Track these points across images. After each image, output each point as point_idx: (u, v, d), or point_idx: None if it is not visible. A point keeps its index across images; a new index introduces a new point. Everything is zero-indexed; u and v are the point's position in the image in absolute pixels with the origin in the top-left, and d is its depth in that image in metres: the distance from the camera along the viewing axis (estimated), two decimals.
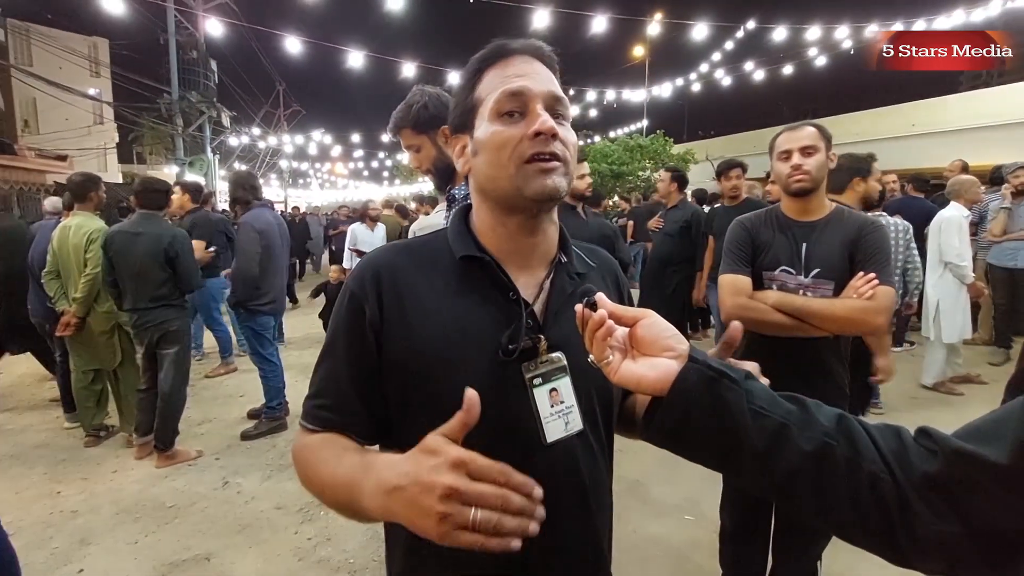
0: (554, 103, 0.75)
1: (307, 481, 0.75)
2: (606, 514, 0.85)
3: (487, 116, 0.75)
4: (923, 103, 15.21)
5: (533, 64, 0.78)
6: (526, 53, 0.78)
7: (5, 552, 1.90)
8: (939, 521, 0.51)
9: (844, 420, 0.58)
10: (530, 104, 0.74)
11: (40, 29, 19.92)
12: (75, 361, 3.66)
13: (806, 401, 0.60)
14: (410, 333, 0.74)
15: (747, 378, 0.60)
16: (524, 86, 0.74)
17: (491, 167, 0.75)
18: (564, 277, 0.81)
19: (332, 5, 11.35)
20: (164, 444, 3.44)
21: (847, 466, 0.55)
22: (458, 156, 0.81)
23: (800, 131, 1.70)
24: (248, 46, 19.08)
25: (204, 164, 16.05)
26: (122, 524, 2.80)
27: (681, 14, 18.88)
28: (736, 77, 15.40)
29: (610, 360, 0.63)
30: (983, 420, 0.55)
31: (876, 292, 1.54)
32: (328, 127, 43.52)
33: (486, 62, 0.78)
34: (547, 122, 0.72)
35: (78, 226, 3.52)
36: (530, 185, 0.72)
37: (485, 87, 0.77)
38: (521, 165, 0.72)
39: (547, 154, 0.72)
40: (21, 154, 15.87)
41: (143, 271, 3.30)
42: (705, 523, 2.64)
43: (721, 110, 39.02)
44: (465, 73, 0.81)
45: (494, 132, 0.74)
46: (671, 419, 0.60)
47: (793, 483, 0.56)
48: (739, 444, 0.57)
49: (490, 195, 0.78)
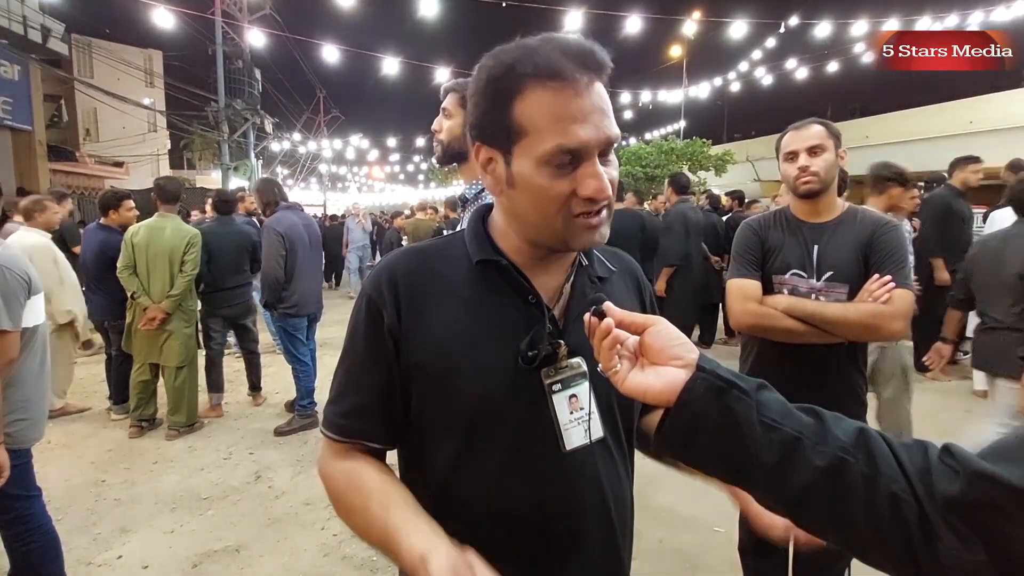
0: (608, 146, 0.68)
1: (338, 512, 0.78)
2: (628, 535, 0.83)
3: (533, 158, 0.66)
4: (981, 99, 14.40)
5: (592, 90, 0.65)
6: (584, 71, 0.65)
7: (50, 538, 2.01)
8: (963, 547, 0.48)
9: (864, 435, 0.55)
10: (585, 158, 0.66)
11: (100, 43, 21.16)
12: (140, 357, 3.85)
13: (824, 414, 0.57)
14: (428, 337, 0.73)
15: (759, 389, 0.58)
16: (583, 142, 0.64)
17: (534, 212, 0.70)
18: (585, 281, 0.79)
19: (369, 14, 11.63)
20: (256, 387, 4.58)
21: (865, 484, 0.52)
22: (483, 168, 0.73)
23: (806, 130, 1.63)
24: (290, 55, 19.75)
25: (248, 169, 16.70)
26: (160, 513, 2.93)
27: (719, 11, 18.48)
28: (777, 75, 14.94)
29: (618, 369, 0.61)
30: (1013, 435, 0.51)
31: (893, 295, 1.46)
32: (366, 132, 44.59)
33: (532, 76, 0.65)
34: (602, 188, 0.66)
35: (176, 228, 3.86)
36: (577, 240, 0.70)
37: (532, 116, 0.65)
38: (568, 220, 0.68)
39: (595, 210, 0.68)
40: (82, 161, 16.91)
41: (236, 260, 4.28)
42: (736, 536, 2.54)
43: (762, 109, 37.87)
44: (498, 74, 0.67)
45: (541, 182, 0.66)
46: (677, 431, 0.58)
47: (806, 499, 0.54)
48: (748, 457, 0.55)
49: (527, 229, 0.74)
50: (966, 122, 13.99)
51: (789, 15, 12.35)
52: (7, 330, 1.73)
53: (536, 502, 0.73)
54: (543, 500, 0.73)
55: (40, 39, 11.84)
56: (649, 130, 22.74)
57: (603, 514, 0.77)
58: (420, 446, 0.78)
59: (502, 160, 0.70)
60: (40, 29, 11.79)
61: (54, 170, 14.02)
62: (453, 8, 10.50)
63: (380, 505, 0.70)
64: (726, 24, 11.98)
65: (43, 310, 1.95)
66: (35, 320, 1.89)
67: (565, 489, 0.74)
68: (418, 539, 0.63)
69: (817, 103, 21.07)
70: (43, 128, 12.89)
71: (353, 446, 0.78)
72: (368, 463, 0.77)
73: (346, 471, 0.76)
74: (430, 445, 0.76)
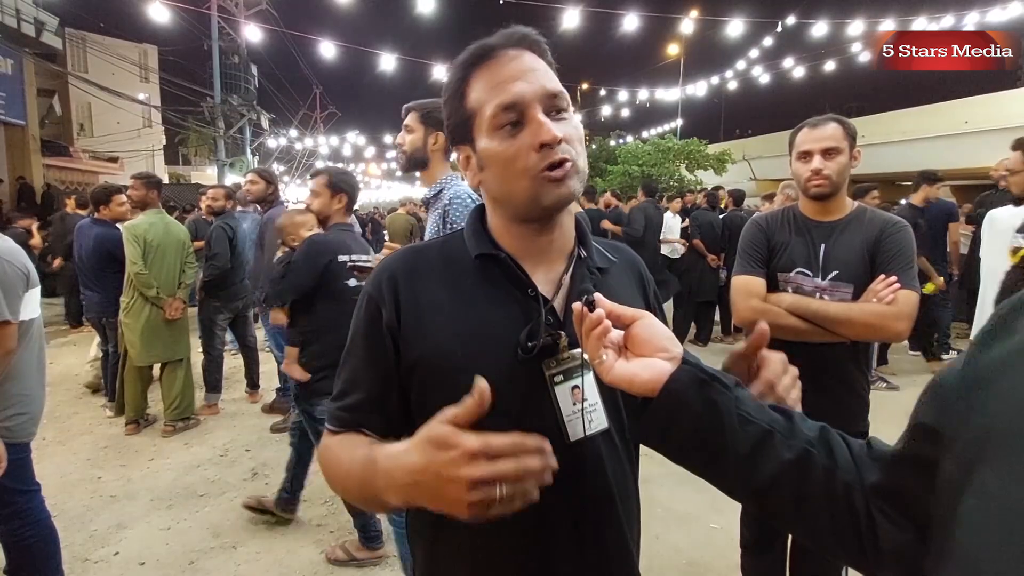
0: (551, 100, 0.72)
1: (330, 482, 0.77)
2: (635, 528, 0.83)
3: (485, 130, 0.72)
4: (977, 99, 14.44)
5: (522, 58, 0.73)
6: (510, 46, 0.73)
7: (48, 533, 2.00)
8: (896, 530, 0.51)
9: (825, 431, 0.59)
10: (528, 111, 0.70)
11: (95, 38, 20.94)
12: (155, 355, 3.84)
13: (792, 412, 0.61)
14: (428, 333, 0.74)
15: (737, 385, 0.61)
16: (517, 94, 0.70)
17: (502, 182, 0.73)
18: (584, 272, 0.79)
19: (366, 11, 11.58)
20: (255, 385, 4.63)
21: (825, 475, 0.55)
22: (464, 168, 0.79)
23: (822, 129, 1.60)
24: (286, 51, 19.66)
25: (244, 165, 16.63)
26: (156, 510, 2.92)
27: (717, 10, 18.47)
28: (774, 74, 14.96)
29: (604, 359, 0.62)
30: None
31: (897, 296, 1.46)
32: (362, 129, 44.46)
33: (471, 66, 0.74)
34: (550, 131, 0.69)
35: (174, 222, 4.03)
36: (546, 196, 0.71)
37: (477, 96, 0.73)
38: (533, 178, 0.70)
39: (556, 162, 0.70)
40: (76, 156, 16.76)
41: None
42: (732, 532, 2.56)
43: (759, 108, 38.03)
44: (451, 80, 0.76)
45: (497, 148, 0.72)
46: (661, 418, 0.60)
47: (774, 489, 0.57)
48: (724, 447, 0.57)
49: (506, 206, 0.77)
50: (961, 122, 14.05)
51: (786, 14, 12.37)
52: (8, 321, 1.73)
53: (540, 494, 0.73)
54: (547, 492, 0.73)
55: (34, 33, 11.71)
56: (647, 128, 22.74)
57: (609, 506, 0.77)
58: None
59: (472, 151, 0.76)
60: (34, 23, 11.66)
61: (48, 165, 13.91)
62: (450, 5, 10.46)
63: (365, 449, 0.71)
64: (723, 23, 11.99)
65: (39, 303, 1.95)
66: (32, 313, 1.88)
67: (569, 481, 0.73)
68: (392, 448, 0.64)
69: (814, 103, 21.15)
70: (37, 123, 12.78)
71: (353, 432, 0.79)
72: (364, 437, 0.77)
73: (341, 439, 0.77)
74: None
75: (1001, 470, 0.35)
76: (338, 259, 2.33)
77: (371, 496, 0.67)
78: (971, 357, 0.43)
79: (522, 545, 0.73)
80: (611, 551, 0.78)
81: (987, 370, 0.40)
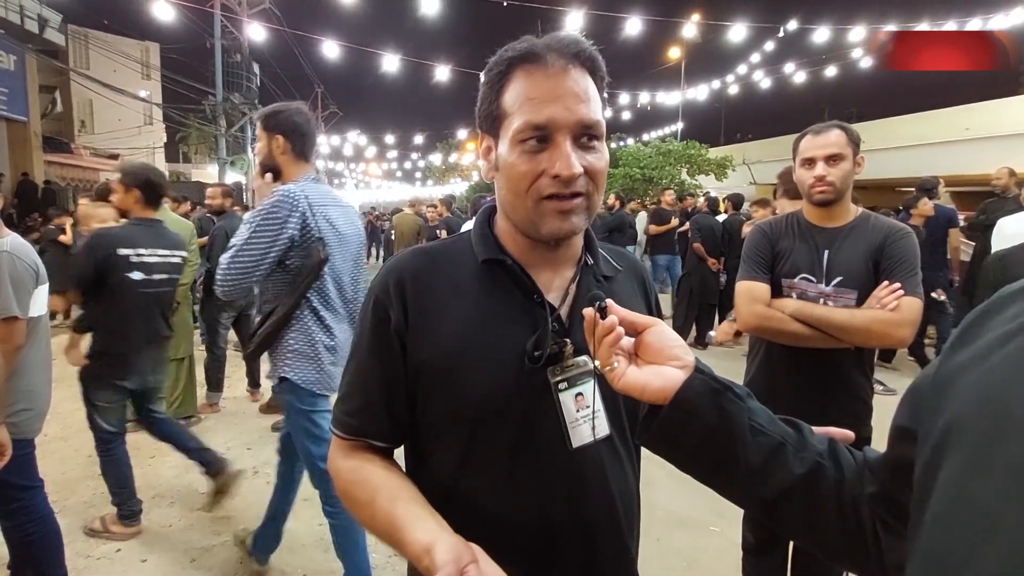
0: (584, 130, 0.69)
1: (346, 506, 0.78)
2: (635, 534, 0.83)
3: (510, 137, 0.70)
4: (977, 106, 14.43)
5: (567, 73, 0.69)
6: (560, 57, 0.69)
7: (51, 528, 2.01)
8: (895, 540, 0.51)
9: (834, 444, 0.60)
10: (555, 136, 0.68)
11: (97, 34, 20.93)
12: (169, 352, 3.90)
13: (801, 425, 0.61)
14: (434, 337, 0.74)
15: (749, 396, 0.61)
16: (549, 118, 0.67)
17: (510, 194, 0.72)
18: (590, 279, 0.79)
19: (369, 10, 11.60)
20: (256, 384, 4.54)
21: (835, 488, 0.56)
22: (483, 156, 0.77)
23: (826, 136, 1.60)
24: (289, 50, 19.67)
25: (245, 163, 16.62)
26: (158, 508, 2.92)
27: (718, 15, 18.51)
28: (775, 79, 15.00)
29: (615, 366, 0.62)
30: None
31: (901, 303, 1.47)
32: (363, 128, 44.46)
33: (515, 63, 0.71)
34: (570, 167, 0.66)
35: (177, 219, 4.04)
36: (545, 224, 0.70)
37: (511, 99, 0.70)
38: (539, 201, 0.69)
39: (567, 194, 0.68)
40: (77, 153, 16.77)
41: None
42: (732, 535, 2.57)
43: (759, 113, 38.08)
44: (492, 68, 0.73)
45: (516, 160, 0.69)
46: (671, 426, 0.60)
47: (784, 501, 0.57)
48: (735, 457, 0.57)
49: (510, 216, 0.76)
50: (962, 128, 14.06)
51: (787, 19, 12.42)
52: (17, 316, 1.73)
53: (542, 500, 0.73)
54: (550, 498, 0.73)
55: (37, 29, 11.74)
56: (648, 131, 22.78)
57: (610, 512, 0.77)
58: (426, 444, 0.78)
59: (494, 145, 0.74)
60: (37, 19, 11.68)
61: (49, 161, 13.90)
62: (454, 6, 10.49)
63: (386, 499, 0.71)
64: (725, 27, 12.03)
65: (46, 301, 1.96)
66: (40, 310, 1.89)
67: (572, 487, 0.74)
68: (423, 532, 0.64)
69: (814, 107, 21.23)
70: (38, 119, 12.78)
71: (360, 443, 0.79)
72: (374, 459, 0.78)
73: (353, 467, 0.77)
74: (436, 443, 0.77)
75: (959, 462, 0.35)
76: (118, 252, 2.48)
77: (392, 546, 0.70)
78: (942, 361, 0.44)
79: (523, 548, 0.73)
80: (611, 555, 0.78)
81: (952, 372, 0.41)
